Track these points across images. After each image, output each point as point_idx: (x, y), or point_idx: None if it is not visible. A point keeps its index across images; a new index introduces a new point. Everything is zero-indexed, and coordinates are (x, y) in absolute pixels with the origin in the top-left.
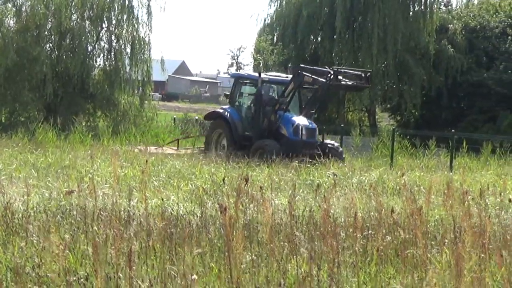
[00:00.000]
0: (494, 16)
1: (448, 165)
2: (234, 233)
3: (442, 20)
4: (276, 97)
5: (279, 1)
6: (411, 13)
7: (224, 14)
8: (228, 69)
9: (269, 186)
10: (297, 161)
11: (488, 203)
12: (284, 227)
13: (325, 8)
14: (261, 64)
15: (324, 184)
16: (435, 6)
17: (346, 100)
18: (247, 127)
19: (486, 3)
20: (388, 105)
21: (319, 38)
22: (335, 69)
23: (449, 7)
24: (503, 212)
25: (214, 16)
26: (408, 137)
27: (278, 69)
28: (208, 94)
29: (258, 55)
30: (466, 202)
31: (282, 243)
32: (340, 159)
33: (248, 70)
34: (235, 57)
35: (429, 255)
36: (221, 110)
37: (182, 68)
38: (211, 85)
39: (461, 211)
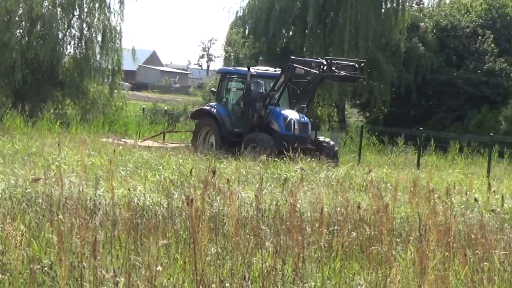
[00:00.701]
0: (465, 15)
1: (416, 163)
2: (200, 225)
3: (414, 18)
4: (264, 91)
5: None
6: (383, 10)
7: (196, 6)
8: (198, 61)
9: (237, 179)
10: (265, 155)
11: (454, 202)
12: (250, 220)
13: (298, 3)
14: (232, 57)
15: (292, 179)
16: (407, 4)
17: (315, 95)
18: (236, 123)
19: (458, 3)
20: (358, 101)
21: (290, 33)
22: (329, 59)
23: (421, 5)
24: (468, 211)
25: (186, 7)
26: (376, 133)
27: (249, 62)
28: (178, 85)
29: (229, 48)
30: (432, 200)
31: (248, 236)
32: (334, 159)
33: (219, 62)
34: (206, 49)
35: (393, 252)
36: (208, 107)
37: (153, 58)
38: (181, 76)
39: (426, 209)
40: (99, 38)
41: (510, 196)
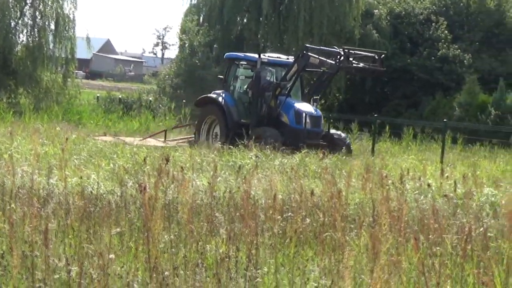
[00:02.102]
0: (419, 2)
1: (370, 149)
2: (154, 213)
3: (368, 5)
4: (274, 81)
5: None
6: None
7: None
8: (153, 49)
9: (191, 166)
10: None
11: (408, 188)
12: (204, 208)
13: None
14: (187, 45)
15: (246, 166)
16: None
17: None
18: (243, 113)
19: None
20: None
21: (245, 20)
22: (346, 49)
23: None
24: (422, 197)
25: None
26: (331, 120)
27: (203, 50)
28: (132, 73)
29: (183, 36)
30: (386, 186)
31: (202, 223)
32: (347, 151)
33: (173, 50)
34: (161, 37)
35: (347, 238)
36: (214, 95)
37: (107, 47)
38: (136, 64)
39: (380, 195)
40: (52, 27)
41: (463, 181)
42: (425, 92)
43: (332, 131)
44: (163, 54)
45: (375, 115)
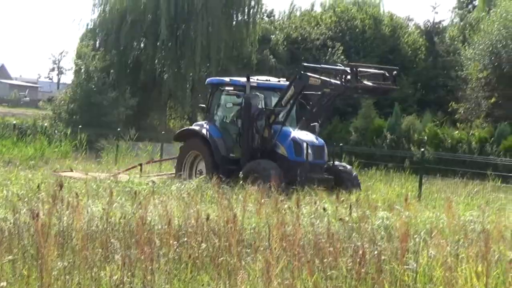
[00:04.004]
0: (316, 28)
1: None
2: (47, 240)
3: (265, 31)
4: (264, 107)
5: (102, 7)
6: (234, 22)
7: (46, 18)
8: (49, 74)
9: (87, 192)
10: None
11: (304, 212)
12: (99, 234)
13: (149, 15)
14: (83, 70)
15: (143, 192)
16: (258, 16)
17: (168, 107)
18: (231, 147)
19: (308, 15)
20: None
21: (142, 45)
22: (353, 66)
23: (272, 17)
24: (318, 221)
25: (35, 19)
26: None
27: (99, 75)
28: (28, 98)
29: (79, 60)
30: (282, 211)
31: (97, 250)
32: (356, 187)
33: (69, 75)
34: (57, 62)
35: (243, 263)
36: (197, 127)
37: (2, 71)
38: (31, 89)
39: (276, 219)
40: None
41: (357, 205)
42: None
43: (336, 162)
44: (59, 79)
45: None
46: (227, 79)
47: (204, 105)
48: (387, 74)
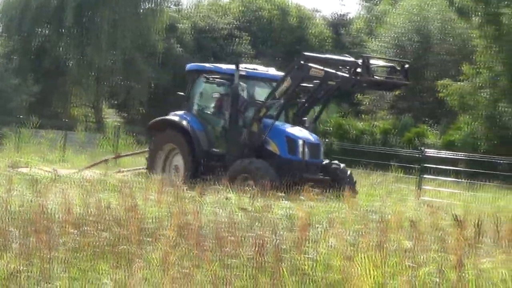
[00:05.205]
0: (223, 17)
1: None
2: None
3: (172, 19)
4: (249, 98)
5: None
6: (141, 10)
7: None
8: None
9: None
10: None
11: (207, 201)
12: None
13: (55, 1)
14: None
15: (44, 180)
16: (165, 5)
17: (71, 94)
18: (213, 141)
19: (216, 5)
20: (115, 102)
21: (47, 31)
22: (365, 58)
23: (179, 6)
24: (221, 210)
25: None
26: (134, 134)
27: (1, 61)
28: None
29: None
30: (185, 200)
31: None
32: (352, 188)
33: None
34: None
35: (143, 252)
36: (176, 118)
37: None
38: None
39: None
40: None
41: (261, 195)
42: None
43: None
44: None
45: None
46: (210, 66)
47: (183, 93)
48: (398, 68)
